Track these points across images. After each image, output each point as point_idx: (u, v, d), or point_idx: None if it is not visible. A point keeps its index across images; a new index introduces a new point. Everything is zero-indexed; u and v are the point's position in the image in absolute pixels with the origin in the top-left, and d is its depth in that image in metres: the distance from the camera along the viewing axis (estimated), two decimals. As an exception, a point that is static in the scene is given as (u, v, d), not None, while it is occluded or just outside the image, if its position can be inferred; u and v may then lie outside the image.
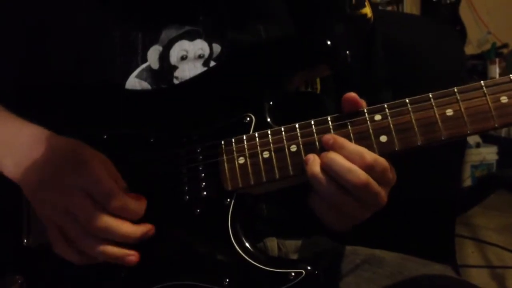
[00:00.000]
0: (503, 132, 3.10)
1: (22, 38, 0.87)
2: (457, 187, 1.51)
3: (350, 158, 0.68)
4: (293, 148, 0.72)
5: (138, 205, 0.74)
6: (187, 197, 0.76)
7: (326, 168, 0.69)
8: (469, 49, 3.33)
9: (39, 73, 0.85)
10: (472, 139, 2.96)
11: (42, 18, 0.86)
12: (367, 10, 0.92)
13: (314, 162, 0.70)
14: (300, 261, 0.83)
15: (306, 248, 0.90)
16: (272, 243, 0.88)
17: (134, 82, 0.84)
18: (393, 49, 1.05)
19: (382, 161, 0.69)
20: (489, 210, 2.70)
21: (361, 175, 0.67)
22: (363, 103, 0.72)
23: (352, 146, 0.69)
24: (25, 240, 0.80)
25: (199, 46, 0.86)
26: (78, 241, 0.72)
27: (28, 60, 0.86)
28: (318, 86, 0.89)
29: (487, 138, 3.05)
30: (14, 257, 0.80)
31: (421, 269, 0.80)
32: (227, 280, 0.72)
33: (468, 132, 0.65)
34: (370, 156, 0.68)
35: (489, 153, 2.93)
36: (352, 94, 0.72)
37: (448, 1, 3.20)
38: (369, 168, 0.68)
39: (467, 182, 2.84)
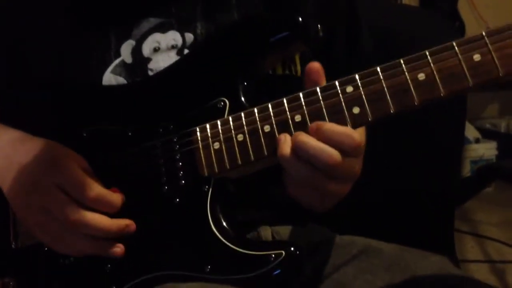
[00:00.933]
0: (503, 127, 3.08)
1: (3, 43, 0.88)
2: (455, 178, 1.50)
3: (322, 138, 0.67)
4: (267, 128, 0.71)
5: (114, 197, 0.75)
6: (166, 187, 0.76)
7: (297, 149, 0.67)
8: (468, 45, 3.32)
9: (19, 77, 0.87)
10: (471, 135, 2.94)
11: (20, 24, 0.88)
12: None
13: (285, 144, 0.68)
14: (283, 242, 0.82)
15: (301, 237, 0.89)
16: (266, 232, 0.87)
17: (109, 78, 0.85)
18: (388, 42, 1.04)
19: (350, 131, 0.67)
20: (489, 205, 2.69)
21: (335, 155, 0.66)
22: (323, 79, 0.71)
23: (327, 126, 0.68)
24: (13, 243, 0.81)
25: (172, 37, 0.86)
26: (61, 238, 0.74)
27: (9, 64, 0.88)
28: (299, 68, 0.88)
29: (487, 134, 3.03)
30: (4, 260, 0.81)
31: (418, 260, 0.79)
32: (209, 267, 0.71)
33: (442, 95, 0.63)
34: (340, 129, 0.67)
35: (489, 149, 2.91)
36: (317, 65, 0.70)
37: (446, -4, 3.19)
38: (339, 144, 0.66)
39: (467, 178, 2.82)
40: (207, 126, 0.75)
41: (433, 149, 1.26)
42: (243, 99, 0.76)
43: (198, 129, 0.75)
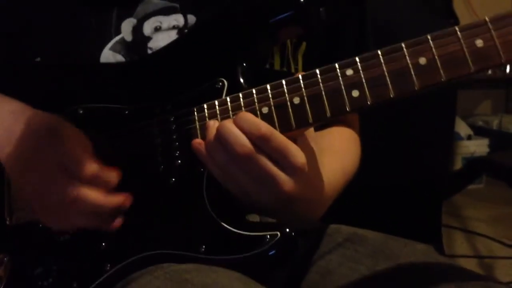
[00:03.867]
0: (495, 125, 3.10)
1: (5, 22, 0.88)
2: (444, 171, 1.51)
3: (244, 127, 0.67)
4: (265, 110, 0.70)
5: (111, 174, 0.74)
6: (162, 167, 0.76)
7: (218, 133, 0.68)
8: (463, 42, 3.33)
9: (16, 50, 0.87)
10: (464, 132, 2.96)
11: (21, 3, 0.87)
12: None
13: (213, 128, 0.69)
14: (277, 224, 0.81)
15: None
16: (254, 220, 0.85)
17: (108, 54, 0.84)
18: (380, 32, 1.04)
19: (282, 138, 0.67)
20: (479, 201, 2.71)
21: (246, 143, 0.66)
22: None
23: (253, 119, 0.68)
24: (8, 219, 0.81)
25: (174, 18, 0.85)
26: (58, 214, 0.73)
27: (7, 37, 0.87)
28: (300, 67, 0.88)
29: (479, 131, 3.04)
30: None
31: (402, 248, 0.79)
32: (204, 247, 0.71)
33: (443, 80, 0.62)
34: (266, 128, 0.67)
35: (481, 146, 2.93)
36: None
37: (442, -7, 3.19)
38: (262, 139, 0.66)
39: (458, 175, 2.83)
40: (205, 106, 0.74)
41: (423, 142, 1.27)
42: (241, 80, 0.75)
43: (195, 109, 0.74)
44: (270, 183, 0.68)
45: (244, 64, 0.76)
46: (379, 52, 0.66)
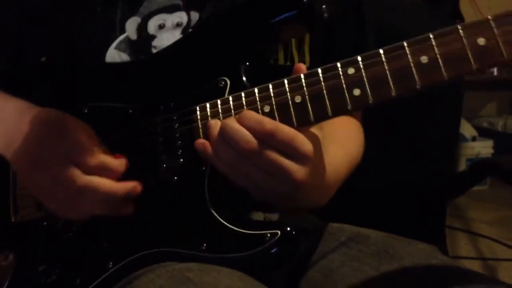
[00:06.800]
0: (499, 126, 3.09)
1: (14, 22, 0.89)
2: (448, 173, 1.50)
3: (247, 125, 0.68)
4: (267, 109, 0.70)
5: (118, 163, 0.75)
6: (164, 165, 0.76)
7: (222, 131, 0.69)
8: (468, 43, 3.32)
9: (25, 48, 0.88)
10: (468, 133, 2.95)
11: (26, 2, 0.88)
12: None
13: (215, 127, 0.70)
14: (278, 222, 0.82)
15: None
16: (258, 218, 0.86)
17: (113, 54, 0.85)
18: (384, 34, 1.04)
19: (287, 130, 0.67)
20: (484, 203, 2.70)
21: (251, 139, 0.67)
22: None
23: (256, 116, 0.69)
24: (13, 217, 0.82)
25: (177, 15, 0.86)
26: (70, 204, 0.74)
27: (18, 42, 0.88)
28: (307, 58, 0.88)
29: (483, 132, 3.03)
30: (3, 234, 0.82)
31: (406, 247, 0.78)
32: (204, 245, 0.71)
33: (445, 78, 0.62)
34: (270, 124, 0.67)
35: (485, 147, 2.92)
36: (303, 67, 0.71)
37: (448, -6, 3.18)
38: (268, 136, 0.67)
39: (463, 176, 2.82)
40: (207, 105, 0.74)
41: (427, 143, 1.26)
42: (244, 79, 0.76)
43: (198, 108, 0.75)
44: (282, 175, 0.68)
45: (247, 63, 0.77)
46: (381, 51, 0.66)
